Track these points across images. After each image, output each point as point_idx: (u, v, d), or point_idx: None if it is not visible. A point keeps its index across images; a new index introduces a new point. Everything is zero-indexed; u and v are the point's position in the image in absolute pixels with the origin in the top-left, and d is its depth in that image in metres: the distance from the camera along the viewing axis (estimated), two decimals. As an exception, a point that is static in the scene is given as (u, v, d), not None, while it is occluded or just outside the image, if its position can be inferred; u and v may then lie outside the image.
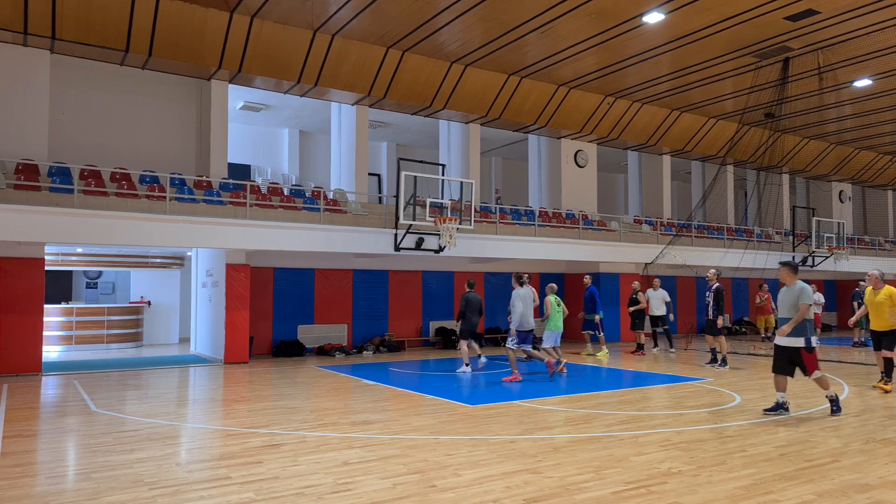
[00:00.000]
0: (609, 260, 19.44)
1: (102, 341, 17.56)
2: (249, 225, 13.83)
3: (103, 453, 6.39)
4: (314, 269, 16.98)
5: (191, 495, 5.10)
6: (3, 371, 12.30)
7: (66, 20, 13.14)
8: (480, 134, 20.12)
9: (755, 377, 11.96)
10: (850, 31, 15.04)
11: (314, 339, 16.83)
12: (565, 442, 6.82)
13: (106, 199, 13.03)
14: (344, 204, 16.35)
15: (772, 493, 5.13)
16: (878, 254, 26.59)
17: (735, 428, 7.52)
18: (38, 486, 5.35)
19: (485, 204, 19.69)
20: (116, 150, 15.53)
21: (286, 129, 21.70)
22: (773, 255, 21.91)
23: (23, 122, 13.54)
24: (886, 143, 25.46)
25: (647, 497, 5.03)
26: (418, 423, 7.79)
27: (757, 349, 17.45)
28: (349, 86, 16.48)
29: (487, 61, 16.98)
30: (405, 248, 15.38)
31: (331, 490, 5.22)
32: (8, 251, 12.56)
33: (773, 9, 13.88)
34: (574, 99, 19.43)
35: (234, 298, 14.50)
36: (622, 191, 28.64)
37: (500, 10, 13.95)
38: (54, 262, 17.01)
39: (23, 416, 8.32)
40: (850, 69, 17.50)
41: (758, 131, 21.88)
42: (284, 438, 7.04)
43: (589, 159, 21.61)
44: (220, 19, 14.20)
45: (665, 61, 16.99)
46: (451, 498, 5.03)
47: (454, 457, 6.22)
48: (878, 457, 6.23)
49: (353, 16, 14.33)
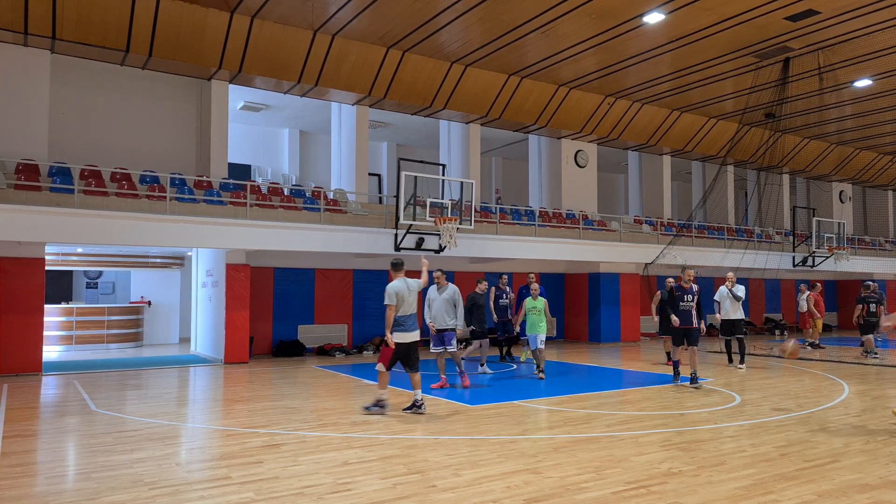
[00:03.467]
0: (609, 260, 19.44)
1: (102, 341, 17.56)
2: (249, 225, 13.83)
3: (103, 453, 6.39)
4: (314, 269, 16.98)
5: (191, 495, 5.10)
6: (4, 371, 12.30)
7: (66, 20, 13.14)
8: (480, 134, 20.12)
9: (755, 377, 11.96)
10: (850, 31, 15.04)
11: (314, 339, 16.82)
12: (565, 442, 6.82)
13: (106, 199, 13.02)
14: (344, 204, 16.35)
15: (772, 493, 5.13)
16: (879, 254, 26.59)
17: (735, 428, 7.52)
18: (38, 486, 5.35)
19: (485, 204, 19.69)
20: (116, 150, 15.53)
21: (286, 129, 21.71)
22: (773, 255, 21.91)
23: (23, 122, 13.54)
24: (887, 144, 25.45)
25: (648, 497, 5.03)
26: (418, 424, 7.79)
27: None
28: (349, 86, 16.48)
29: (488, 61, 16.98)
30: (405, 248, 15.38)
31: (331, 490, 5.22)
32: (8, 251, 12.55)
33: (773, 9, 13.88)
34: (574, 99, 19.43)
35: (234, 298, 14.50)
36: (622, 191, 28.63)
37: (500, 10, 13.94)
38: (54, 262, 17.00)
39: (23, 416, 8.32)
40: (850, 69, 17.49)
41: (758, 131, 21.87)
42: (284, 438, 7.03)
43: (589, 159, 21.61)
44: (220, 19, 14.20)
45: (665, 61, 16.99)
46: (451, 498, 5.03)
47: (454, 457, 6.22)
48: (878, 457, 6.22)
49: (354, 16, 14.33)
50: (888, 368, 13.39)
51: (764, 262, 20.97)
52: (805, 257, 22.96)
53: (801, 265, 23.09)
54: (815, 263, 23.01)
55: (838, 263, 23.36)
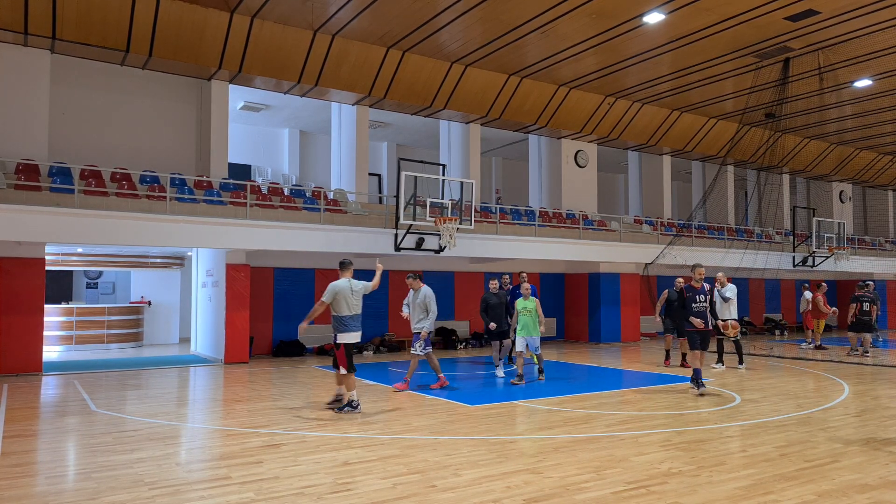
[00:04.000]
0: (609, 260, 19.44)
1: (102, 341, 17.56)
2: (249, 225, 13.83)
3: (103, 453, 6.39)
4: (314, 269, 16.98)
5: (191, 495, 5.10)
6: (4, 371, 12.30)
7: (66, 20, 13.14)
8: (481, 134, 20.12)
9: (756, 378, 11.96)
10: (850, 31, 15.03)
11: (314, 339, 16.82)
12: (565, 442, 6.82)
13: (106, 200, 13.02)
14: (344, 204, 16.34)
15: (772, 493, 5.13)
16: (879, 254, 26.59)
17: (735, 428, 7.52)
18: (38, 486, 5.35)
19: (485, 204, 19.69)
20: (116, 150, 15.53)
21: (286, 129, 21.70)
22: (773, 255, 21.90)
23: (23, 122, 13.54)
24: (887, 144, 25.45)
25: (648, 497, 5.03)
26: (418, 423, 7.79)
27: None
28: (349, 86, 16.48)
29: (488, 61, 16.98)
30: (405, 248, 15.38)
31: (331, 490, 5.22)
32: (8, 251, 12.56)
33: (773, 9, 13.88)
34: (574, 99, 19.43)
35: (234, 298, 14.50)
36: (622, 191, 28.63)
37: (500, 10, 13.94)
38: (54, 262, 17.00)
39: (23, 416, 8.32)
40: (850, 69, 17.49)
41: (758, 131, 21.87)
42: (284, 438, 7.03)
43: (589, 159, 21.60)
44: (220, 19, 14.20)
45: (665, 61, 16.98)
46: (451, 498, 5.03)
47: (454, 457, 6.22)
48: (878, 457, 6.22)
49: (354, 16, 14.33)
50: (888, 368, 13.39)
51: (764, 262, 20.97)
52: (805, 257, 22.95)
53: (801, 265, 23.09)
54: (815, 263, 23.01)
55: (838, 263, 23.36)
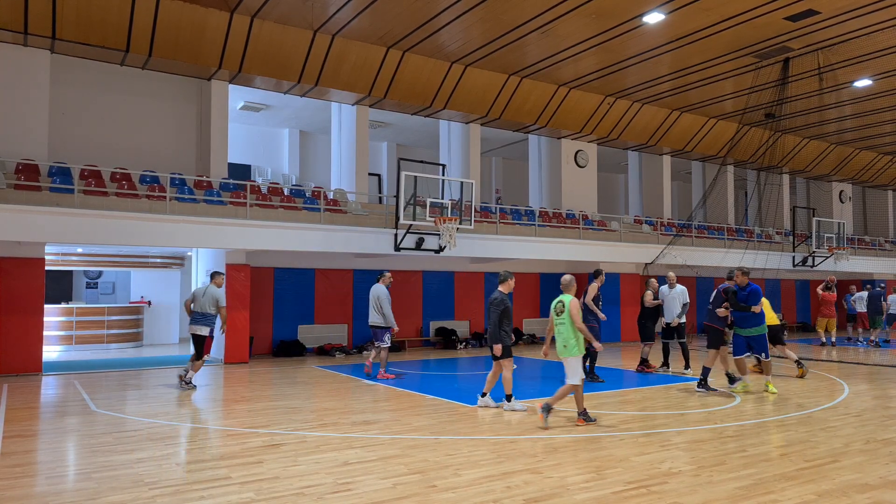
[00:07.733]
0: (609, 260, 19.43)
1: (102, 341, 17.55)
2: (249, 225, 13.82)
3: (103, 453, 6.39)
4: (314, 269, 16.98)
5: (191, 495, 5.10)
6: (4, 371, 12.30)
7: (66, 20, 13.14)
8: (480, 134, 20.11)
9: (755, 377, 11.94)
10: (850, 31, 15.04)
11: (314, 339, 16.82)
12: (565, 442, 6.82)
13: (106, 199, 13.02)
14: (344, 204, 16.34)
15: (772, 493, 5.13)
16: (879, 254, 26.59)
17: (735, 428, 7.52)
18: (38, 486, 5.35)
19: (485, 204, 19.69)
20: (116, 150, 15.53)
21: (286, 129, 21.70)
22: (773, 255, 21.90)
23: (23, 122, 13.54)
24: (886, 144, 25.45)
25: (648, 497, 5.03)
26: (418, 423, 7.79)
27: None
28: (349, 86, 16.47)
29: (487, 61, 16.98)
30: (405, 248, 15.37)
31: (331, 490, 5.22)
32: (8, 251, 12.55)
33: (773, 9, 13.88)
34: (574, 99, 19.43)
35: (234, 298, 14.49)
36: (622, 191, 28.63)
37: (500, 10, 13.94)
38: (54, 262, 16.98)
39: (23, 416, 8.32)
40: (850, 69, 17.49)
41: (758, 131, 21.87)
42: (284, 438, 7.03)
43: (589, 159, 21.60)
44: (220, 19, 14.20)
45: (665, 61, 16.98)
46: (452, 498, 5.03)
47: (454, 457, 6.22)
48: (879, 457, 6.22)
49: (354, 16, 14.32)
50: (888, 368, 13.39)
51: (764, 262, 20.96)
52: (805, 257, 22.96)
53: (801, 265, 23.09)
54: (815, 263, 23.01)
55: (838, 263, 23.36)
